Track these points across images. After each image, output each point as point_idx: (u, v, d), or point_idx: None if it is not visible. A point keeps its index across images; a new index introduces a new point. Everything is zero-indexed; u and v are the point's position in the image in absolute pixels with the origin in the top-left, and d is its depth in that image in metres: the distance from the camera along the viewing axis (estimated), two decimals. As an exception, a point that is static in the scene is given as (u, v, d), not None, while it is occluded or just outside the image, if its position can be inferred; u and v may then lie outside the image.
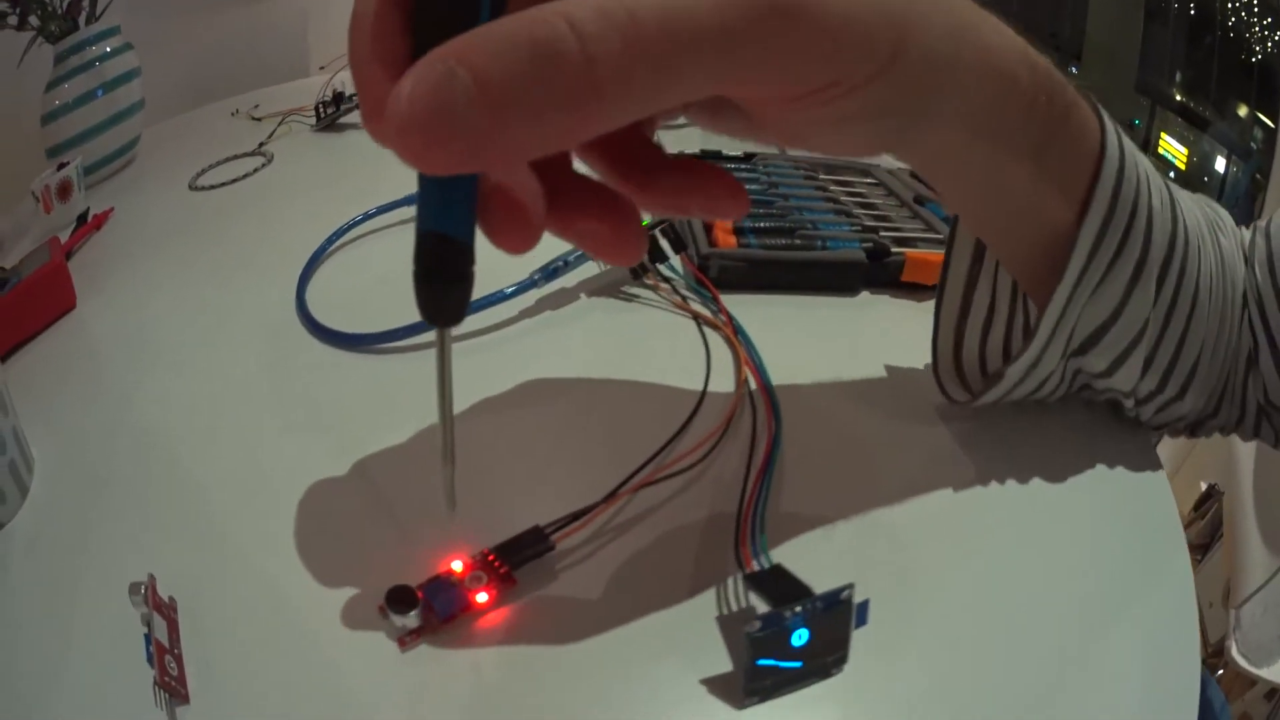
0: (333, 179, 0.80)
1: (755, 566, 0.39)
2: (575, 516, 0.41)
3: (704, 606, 0.39)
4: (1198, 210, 0.47)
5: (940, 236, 0.64)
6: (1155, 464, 0.48)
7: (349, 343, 0.54)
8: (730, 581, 0.40)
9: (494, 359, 0.54)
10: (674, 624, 0.39)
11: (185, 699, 0.34)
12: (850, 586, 0.36)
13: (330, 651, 0.37)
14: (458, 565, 0.39)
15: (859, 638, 0.37)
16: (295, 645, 0.37)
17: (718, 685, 0.36)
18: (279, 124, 0.88)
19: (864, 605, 0.37)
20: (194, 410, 0.49)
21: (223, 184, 0.78)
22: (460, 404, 0.48)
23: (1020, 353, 0.43)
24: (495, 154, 0.25)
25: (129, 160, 0.86)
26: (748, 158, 0.76)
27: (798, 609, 0.35)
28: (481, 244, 0.29)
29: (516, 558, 0.39)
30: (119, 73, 0.84)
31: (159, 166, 0.85)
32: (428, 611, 0.37)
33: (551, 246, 0.57)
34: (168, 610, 0.37)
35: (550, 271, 0.57)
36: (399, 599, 0.37)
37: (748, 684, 0.35)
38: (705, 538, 0.43)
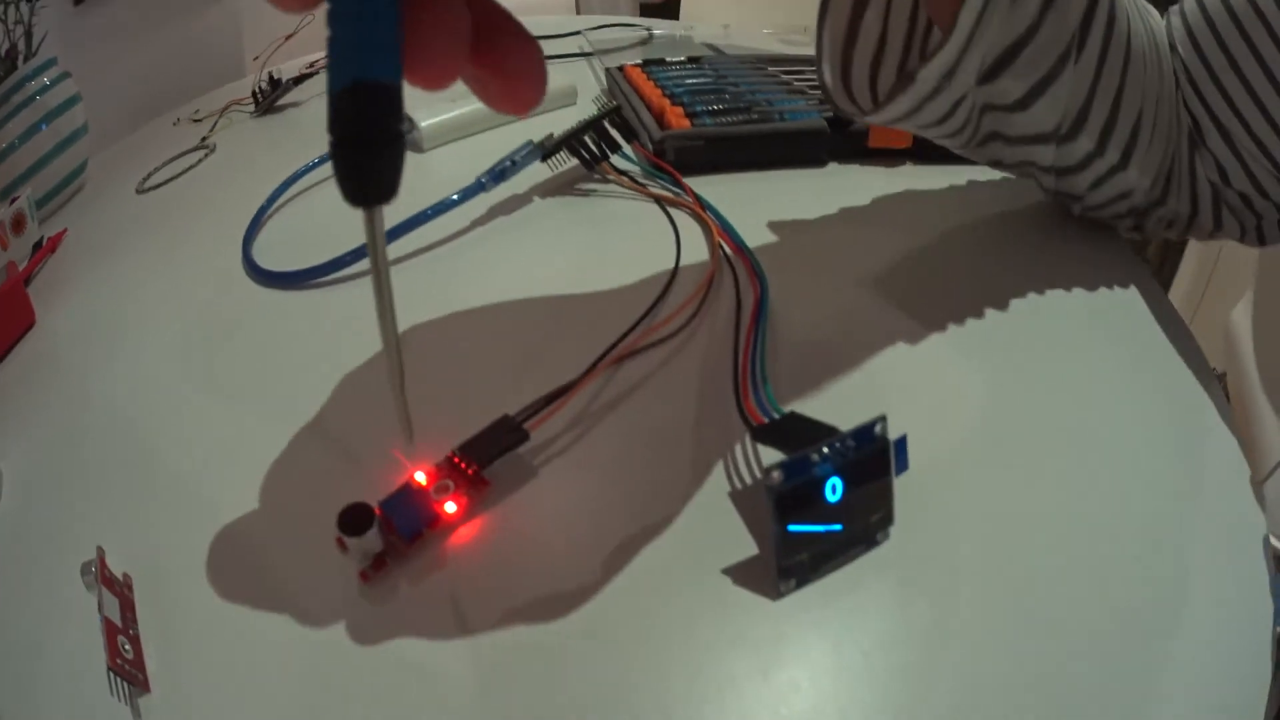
0: (275, 154, 0.71)
1: (764, 420, 0.29)
2: (549, 400, 0.31)
3: (713, 483, 0.30)
4: None
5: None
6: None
7: (293, 281, 0.45)
8: (739, 448, 0.31)
9: (449, 269, 0.44)
10: (681, 509, 0.29)
11: (144, 686, 0.25)
12: (882, 418, 0.26)
13: (291, 604, 0.27)
14: (421, 477, 0.29)
15: (898, 492, 0.28)
16: (260, 608, 0.27)
17: (744, 574, 0.27)
18: (219, 117, 0.79)
19: (902, 442, 0.28)
20: (153, 392, 0.40)
21: (168, 180, 0.69)
22: (417, 316, 0.39)
23: (936, 51, 0.35)
24: None
25: (79, 186, 0.79)
26: (693, 61, 0.66)
27: (825, 450, 0.25)
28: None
29: (485, 454, 0.30)
30: (59, 101, 0.76)
31: (108, 184, 0.77)
32: (389, 533, 0.28)
33: (496, 148, 0.49)
34: (121, 587, 0.28)
35: (497, 174, 0.47)
36: (352, 520, 0.27)
37: (781, 560, 0.26)
38: (702, 406, 0.33)
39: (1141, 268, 0.44)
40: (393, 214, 0.43)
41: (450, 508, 0.29)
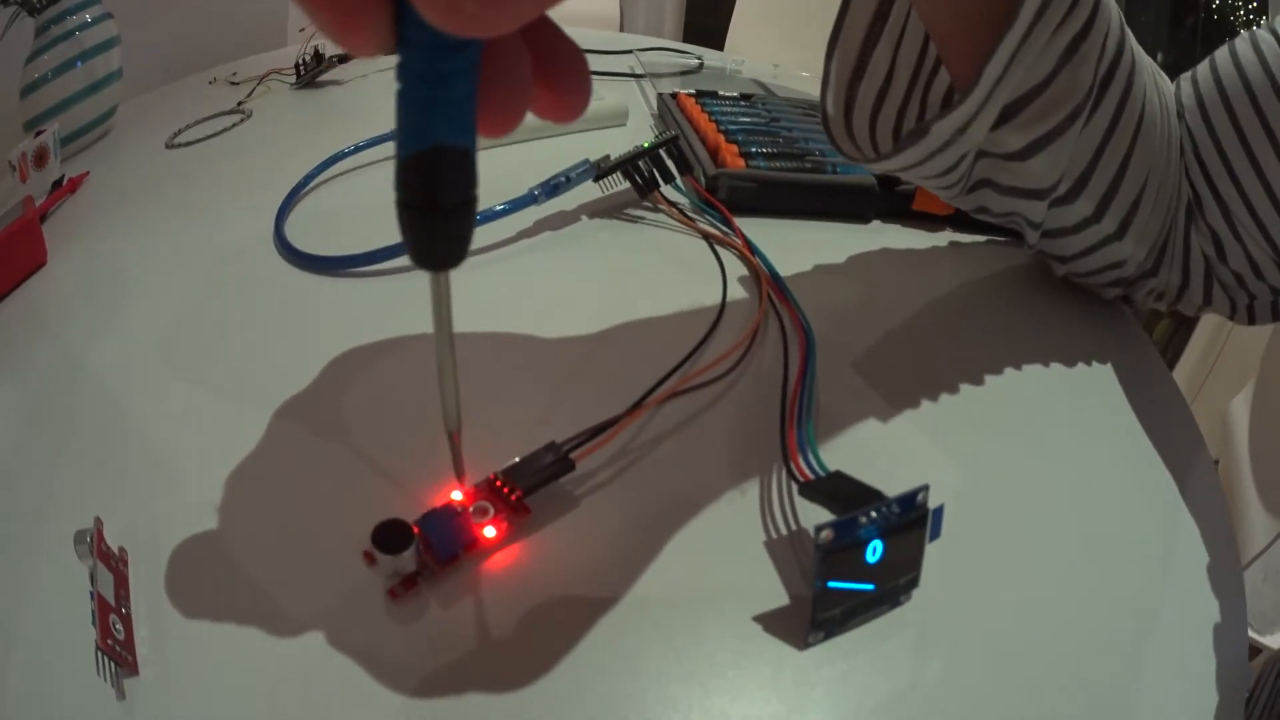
0: (312, 131, 0.72)
1: (810, 476, 0.30)
2: (596, 431, 0.32)
3: (750, 531, 0.31)
4: (1144, 54, 0.41)
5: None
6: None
7: (329, 267, 0.45)
8: (778, 500, 0.32)
9: (493, 278, 0.45)
10: (718, 553, 0.30)
11: (133, 668, 0.25)
12: (925, 488, 0.28)
13: (307, 608, 0.27)
14: (459, 495, 0.30)
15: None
16: (267, 605, 0.28)
17: (774, 622, 0.28)
18: (258, 83, 0.79)
19: (939, 512, 0.29)
20: (164, 353, 0.40)
21: (200, 140, 0.69)
22: (459, 322, 0.38)
23: (955, 106, 0.35)
24: None
25: (106, 130, 0.78)
26: (745, 98, 0.67)
27: (872, 514, 0.26)
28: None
29: (530, 481, 0.30)
30: (98, 41, 0.76)
31: (136, 133, 0.76)
32: (424, 551, 0.28)
33: (541, 159, 0.51)
34: (116, 562, 0.28)
35: (551, 188, 0.48)
36: (389, 537, 0.27)
37: (816, 614, 0.27)
38: (745, 452, 0.34)
39: (1150, 347, 0.46)
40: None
41: (490, 532, 0.29)
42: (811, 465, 0.30)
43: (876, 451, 0.35)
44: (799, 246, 0.49)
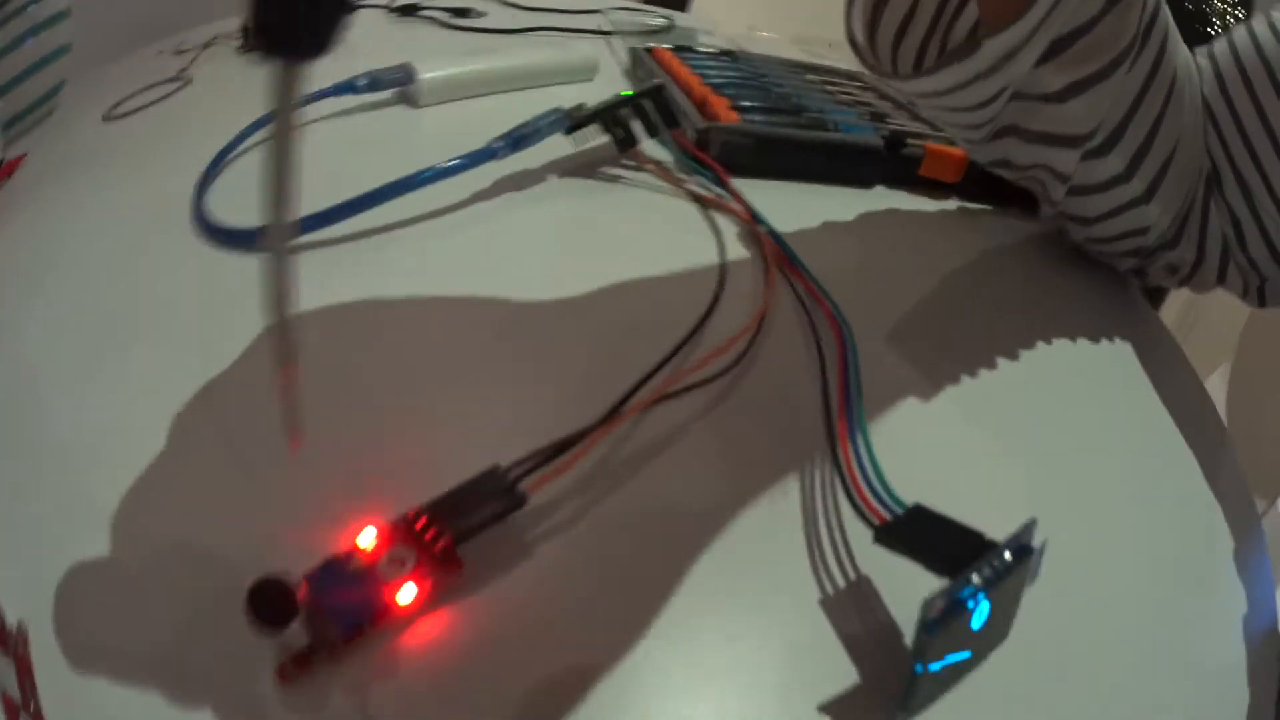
0: (252, 93, 0.61)
1: (884, 515, 0.20)
2: (557, 451, 0.22)
3: (788, 584, 0.21)
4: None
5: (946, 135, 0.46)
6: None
7: (247, 242, 0.34)
8: (826, 537, 0.22)
9: (440, 248, 0.34)
10: (741, 622, 0.20)
11: None
12: (1033, 523, 0.18)
13: (199, 677, 0.18)
14: (368, 539, 0.19)
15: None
16: (164, 670, 0.18)
17: (847, 711, 0.18)
18: (203, 48, 0.69)
19: (1040, 552, 0.19)
20: (57, 361, 0.29)
21: (138, 109, 0.59)
22: (394, 302, 0.29)
23: (1007, 25, 0.31)
24: None
25: (51, 109, 0.70)
26: (727, 53, 0.57)
27: (986, 572, 0.17)
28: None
29: (465, 523, 0.20)
30: (48, 14, 0.68)
31: (79, 109, 0.67)
32: (319, 621, 0.18)
33: (504, 114, 0.39)
34: (14, 644, 0.19)
35: (515, 140, 0.37)
36: (267, 604, 0.18)
37: (907, 700, 0.17)
38: (765, 476, 0.24)
39: (1159, 322, 0.43)
40: (379, 174, 0.33)
41: (407, 595, 0.19)
42: (881, 497, 0.20)
43: (919, 452, 0.26)
44: (801, 211, 0.40)
